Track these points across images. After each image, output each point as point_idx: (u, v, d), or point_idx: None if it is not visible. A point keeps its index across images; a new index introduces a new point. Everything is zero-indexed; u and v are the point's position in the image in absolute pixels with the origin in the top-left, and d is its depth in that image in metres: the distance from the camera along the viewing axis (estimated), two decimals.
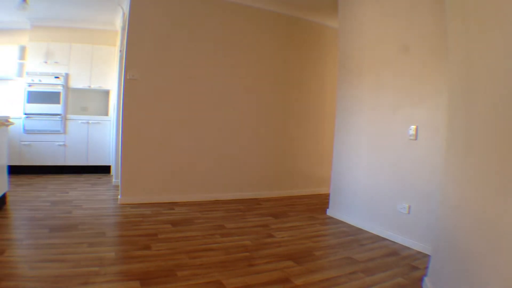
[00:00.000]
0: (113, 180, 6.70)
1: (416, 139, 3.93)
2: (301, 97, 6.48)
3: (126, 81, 5.27)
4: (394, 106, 4.23)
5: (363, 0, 4.82)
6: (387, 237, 4.18)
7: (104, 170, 7.83)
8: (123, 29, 6.39)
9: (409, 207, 3.97)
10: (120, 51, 6.59)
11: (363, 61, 4.77)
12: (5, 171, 4.93)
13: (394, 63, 4.27)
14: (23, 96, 7.40)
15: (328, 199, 5.29)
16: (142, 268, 3.05)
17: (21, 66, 7.67)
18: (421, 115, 3.90)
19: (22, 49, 7.68)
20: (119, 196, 5.34)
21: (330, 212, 5.18)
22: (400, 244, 3.99)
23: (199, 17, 5.63)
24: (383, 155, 4.37)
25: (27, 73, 7.39)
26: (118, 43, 7.51)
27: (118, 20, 7.42)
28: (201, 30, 5.64)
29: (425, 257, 3.56)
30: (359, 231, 4.46)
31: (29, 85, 7.34)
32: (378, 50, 4.53)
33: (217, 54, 5.76)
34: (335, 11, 5.52)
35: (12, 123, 5.06)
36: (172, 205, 5.33)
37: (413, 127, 3.95)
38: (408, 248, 3.88)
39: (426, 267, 3.16)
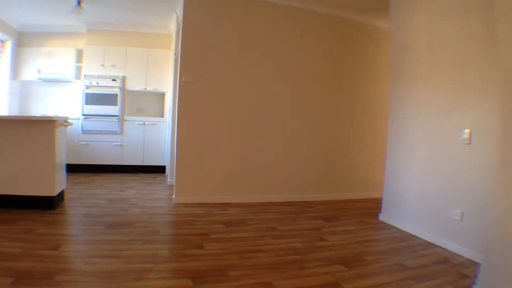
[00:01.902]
0: (168, 180, 6.73)
1: (470, 143, 3.70)
2: (353, 100, 6.24)
3: (181, 83, 5.28)
4: (448, 109, 4.00)
5: (415, 1, 4.61)
6: (438, 244, 3.95)
7: (159, 170, 7.90)
8: (177, 33, 6.43)
9: (462, 214, 3.73)
10: (175, 54, 6.63)
11: (416, 64, 4.53)
12: (63, 169, 5.03)
13: (447, 65, 4.04)
14: (81, 98, 7.60)
15: (381, 203, 5.08)
16: (194, 267, 3.04)
17: (78, 69, 7.90)
18: (475, 119, 3.66)
19: (79, 53, 7.91)
20: (173, 196, 5.35)
21: (382, 217, 4.96)
22: (451, 251, 3.76)
23: (250, 21, 5.56)
24: (436, 160, 4.14)
25: (85, 76, 7.59)
26: (172, 46, 7.58)
27: (172, 24, 7.50)
28: (251, 34, 5.56)
29: (475, 265, 3.35)
30: (411, 237, 4.24)
31: (87, 87, 7.53)
32: (431, 53, 4.30)
33: (266, 57, 5.65)
34: (386, 12, 5.29)
35: (71, 124, 5.16)
36: (225, 206, 5.27)
37: (467, 131, 3.71)
38: (459, 255, 3.65)
39: (475, 276, 2.98)
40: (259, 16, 5.60)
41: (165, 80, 7.97)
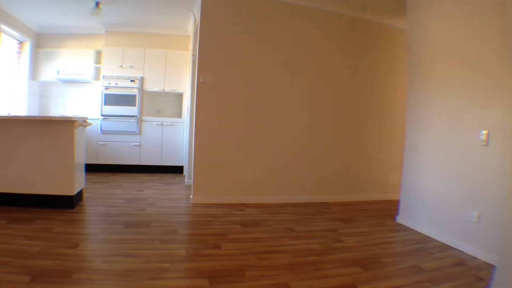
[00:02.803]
0: (186, 180, 6.74)
1: (487, 144, 3.63)
2: (371, 100, 6.16)
3: (199, 84, 5.29)
4: (465, 111, 3.94)
5: (431, 2, 4.54)
6: (455, 246, 3.89)
7: (177, 170, 7.92)
8: (194, 34, 6.45)
9: (479, 216, 3.67)
10: (193, 55, 6.64)
11: (433, 65, 4.47)
12: (82, 169, 5.08)
13: (464, 67, 3.98)
14: (100, 99, 7.67)
15: (398, 205, 5.01)
16: (211, 267, 3.04)
17: (97, 70, 7.99)
18: (492, 120, 3.59)
19: (98, 54, 8.00)
20: (191, 196, 5.35)
21: (399, 219, 4.89)
22: (467, 253, 3.70)
23: (266, 21, 5.53)
24: (453, 162, 4.08)
25: (104, 77, 7.66)
26: (190, 47, 7.60)
27: (189, 26, 7.52)
28: (268, 34, 5.54)
29: (491, 267, 3.30)
30: (428, 239, 4.18)
31: (106, 88, 7.61)
32: (448, 54, 4.24)
33: (283, 58, 5.61)
34: (403, 12, 5.22)
35: (90, 124, 5.20)
36: (242, 206, 5.25)
37: (484, 132, 3.65)
38: (475, 258, 3.59)
39: (490, 278, 2.95)
40: (275, 17, 5.57)
41: (182, 81, 8.00)
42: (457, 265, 3.38)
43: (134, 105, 7.70)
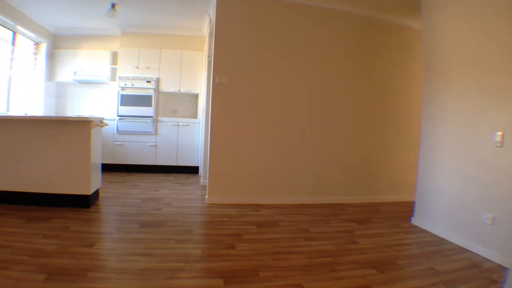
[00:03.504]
0: (201, 180, 6.74)
1: (502, 146, 3.58)
2: (385, 102, 6.07)
3: (214, 85, 5.29)
4: (479, 112, 3.89)
5: (446, 2, 4.48)
6: (470, 249, 3.83)
7: (193, 170, 7.93)
8: (210, 35, 6.44)
9: (493, 218, 3.61)
10: (208, 56, 6.65)
11: (447, 66, 4.42)
12: (99, 168, 5.11)
13: (479, 67, 3.92)
14: (116, 99, 7.73)
15: (413, 207, 4.96)
16: (226, 267, 3.04)
17: (113, 70, 8.06)
18: (507, 121, 3.54)
19: (114, 55, 8.07)
20: (206, 196, 5.35)
21: (414, 221, 4.83)
22: (482, 256, 3.65)
23: (281, 22, 5.51)
24: (468, 163, 4.03)
25: (120, 78, 7.73)
26: (205, 48, 7.62)
27: (205, 26, 7.53)
28: (283, 35, 5.51)
29: (504, 270, 3.26)
30: (443, 241, 4.12)
31: (122, 89, 7.67)
32: (462, 54, 4.18)
33: (298, 58, 5.58)
34: (417, 11, 5.17)
35: (106, 124, 5.23)
36: (258, 207, 5.23)
37: (499, 133, 3.59)
38: (489, 260, 3.54)
39: (503, 281, 2.89)
40: (289, 18, 5.54)
41: (198, 82, 8.01)
42: (471, 268, 3.35)
43: (150, 105, 7.74)
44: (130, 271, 2.81)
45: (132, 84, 7.70)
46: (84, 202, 4.57)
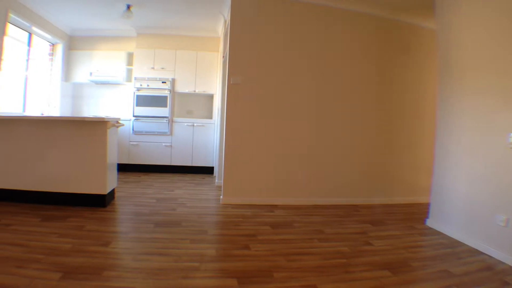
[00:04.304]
0: (216, 181, 6.75)
1: None
2: (400, 104, 6.00)
3: (229, 85, 5.30)
4: (494, 112, 3.84)
5: (460, 3, 4.44)
6: (484, 251, 3.78)
7: (207, 171, 7.95)
8: (224, 35, 6.45)
9: (507, 220, 3.55)
10: (223, 56, 6.66)
11: (462, 66, 4.36)
12: (115, 168, 5.14)
13: (494, 67, 3.87)
14: (132, 100, 7.80)
15: (428, 208, 4.90)
16: (240, 267, 3.05)
17: (129, 71, 8.11)
18: None
19: (129, 56, 8.13)
20: (221, 196, 5.36)
21: (429, 223, 4.77)
22: (495, 258, 3.60)
23: (296, 23, 5.48)
24: (482, 165, 3.97)
25: (135, 78, 7.78)
26: (220, 49, 7.62)
27: (219, 27, 7.54)
28: (297, 36, 5.49)
29: None
30: (457, 243, 4.07)
31: (138, 90, 7.72)
32: (477, 54, 4.13)
33: (313, 59, 5.56)
34: (431, 11, 5.12)
35: (122, 125, 5.27)
36: (272, 207, 5.22)
37: None
38: (503, 263, 3.49)
39: None
40: (305, 18, 5.51)
41: (213, 82, 8.03)
42: (485, 270, 3.31)
43: (165, 106, 7.78)
44: (145, 270, 2.82)
45: (148, 85, 7.75)
46: (100, 202, 4.61)
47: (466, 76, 4.29)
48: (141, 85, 7.72)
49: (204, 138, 7.85)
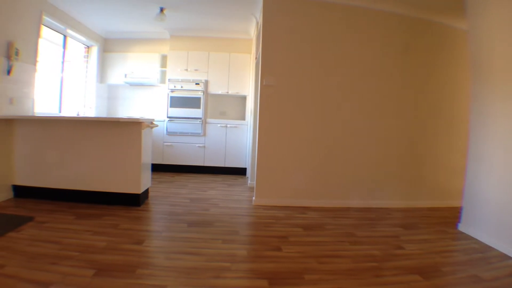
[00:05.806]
0: (248, 182, 6.76)
1: None
2: (432, 105, 5.83)
3: (262, 87, 5.29)
4: None
5: (491, 4, 4.30)
6: None
7: (240, 172, 7.97)
8: (257, 37, 6.45)
9: None
10: (255, 58, 6.66)
11: (495, 67, 4.22)
12: (149, 168, 5.21)
13: None
14: (166, 101, 7.89)
15: (460, 213, 4.77)
16: (271, 268, 3.03)
17: (162, 73, 8.23)
18: None
19: (163, 58, 8.25)
20: (253, 198, 5.36)
21: (461, 227, 4.62)
22: None
23: (328, 23, 5.41)
24: None
25: (169, 80, 7.89)
26: (253, 50, 7.63)
27: (252, 29, 7.55)
28: (329, 37, 5.41)
29: None
30: (489, 248, 3.93)
31: (171, 91, 7.81)
32: (509, 57, 3.98)
33: (346, 60, 5.46)
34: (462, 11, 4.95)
35: (156, 126, 5.33)
36: (304, 209, 5.16)
37: None
38: None
39: None
40: (338, 19, 5.44)
41: (246, 84, 8.05)
42: None
43: (198, 107, 7.84)
44: (177, 269, 2.84)
45: (181, 86, 7.83)
46: (134, 201, 4.68)
47: (497, 79, 4.16)
48: (174, 86, 7.81)
49: (237, 139, 7.87)
